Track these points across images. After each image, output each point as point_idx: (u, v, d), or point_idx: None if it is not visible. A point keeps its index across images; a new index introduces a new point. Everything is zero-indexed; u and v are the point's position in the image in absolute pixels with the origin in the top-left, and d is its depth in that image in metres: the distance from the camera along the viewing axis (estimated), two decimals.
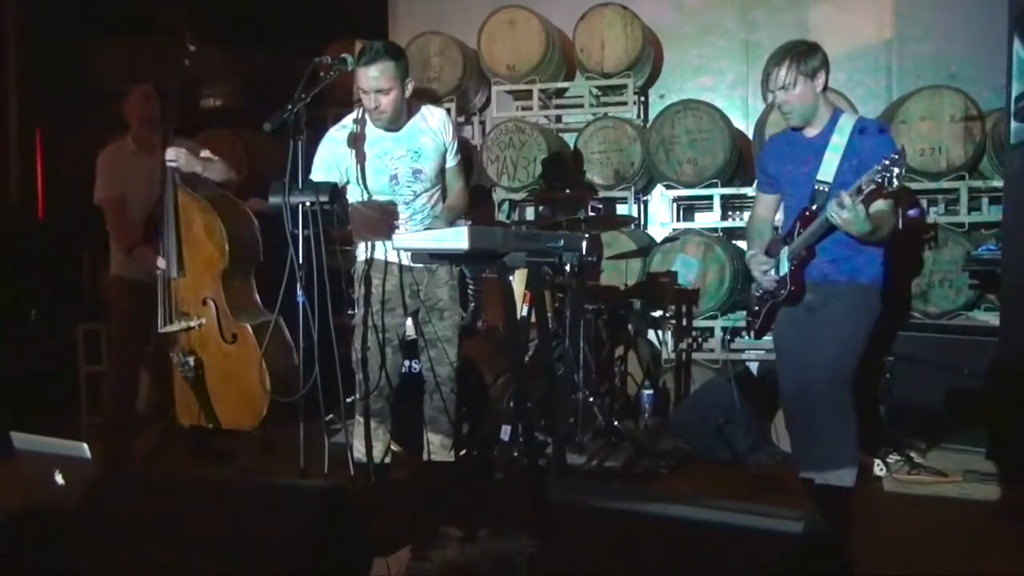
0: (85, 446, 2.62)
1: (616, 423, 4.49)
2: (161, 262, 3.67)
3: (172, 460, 4.04)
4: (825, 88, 3.12)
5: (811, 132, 3.16)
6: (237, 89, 8.19)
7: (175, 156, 3.63)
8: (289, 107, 2.84)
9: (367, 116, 3.30)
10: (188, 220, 3.66)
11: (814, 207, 3.09)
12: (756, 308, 3.35)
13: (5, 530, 2.67)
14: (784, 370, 3.29)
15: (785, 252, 3.20)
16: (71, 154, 7.03)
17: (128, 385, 4.04)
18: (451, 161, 3.52)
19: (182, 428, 3.80)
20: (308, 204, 2.84)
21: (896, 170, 2.73)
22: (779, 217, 3.46)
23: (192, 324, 3.63)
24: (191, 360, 3.61)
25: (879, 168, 2.76)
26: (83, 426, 5.09)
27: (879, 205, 2.96)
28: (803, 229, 3.11)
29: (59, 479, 2.69)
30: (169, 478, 2.45)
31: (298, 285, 2.86)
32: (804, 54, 3.06)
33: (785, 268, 3.19)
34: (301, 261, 2.85)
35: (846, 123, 3.10)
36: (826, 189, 3.07)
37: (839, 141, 3.07)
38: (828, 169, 3.07)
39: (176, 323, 3.65)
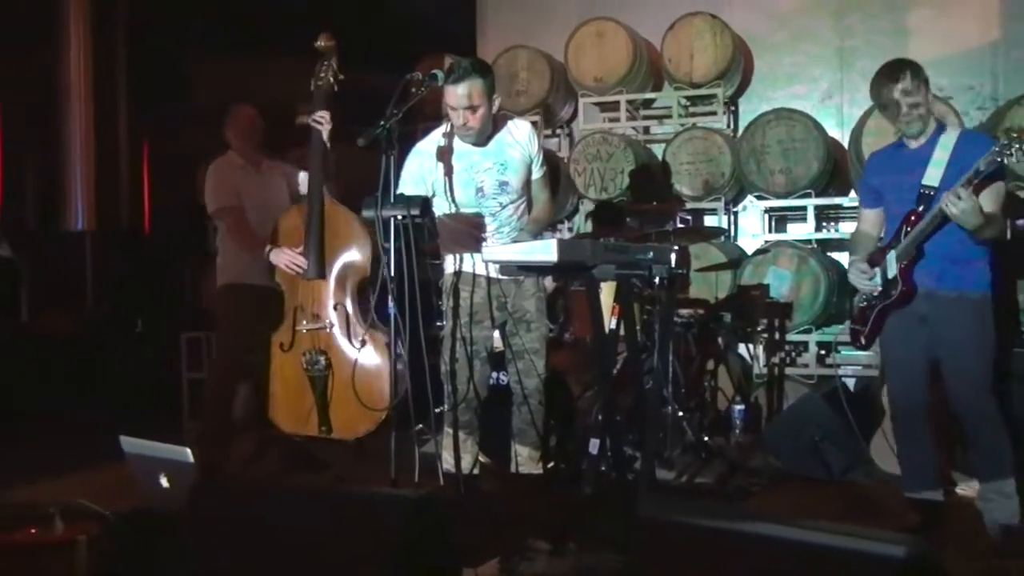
0: (188, 451, 2.72)
1: (706, 438, 4.41)
2: (299, 259, 3.76)
3: (268, 467, 4.15)
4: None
5: (915, 144, 3.19)
6: (333, 105, 8.41)
7: (322, 118, 3.73)
8: (382, 123, 2.91)
9: (455, 130, 3.35)
10: (335, 227, 3.77)
11: (920, 209, 3.10)
12: (863, 315, 3.32)
13: (114, 530, 2.80)
14: (893, 378, 3.27)
15: (892, 256, 3.18)
16: (175, 169, 7.35)
17: (230, 392, 4.19)
18: (537, 173, 3.53)
19: (278, 436, 3.91)
20: (400, 218, 2.90)
21: (1007, 153, 2.80)
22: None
23: (322, 325, 3.74)
24: (323, 359, 3.70)
25: (988, 158, 2.83)
26: (185, 430, 5.29)
27: (988, 206, 2.99)
28: (910, 230, 3.11)
29: (164, 482, 2.80)
30: (266, 484, 2.53)
31: (389, 297, 2.92)
32: (917, 65, 3.14)
33: (893, 271, 3.16)
34: (392, 273, 2.90)
35: (950, 135, 3.14)
36: (932, 193, 3.08)
37: (942, 154, 3.09)
38: (934, 176, 3.09)
39: (308, 323, 3.75)
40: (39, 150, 7.29)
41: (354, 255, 3.77)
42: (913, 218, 3.11)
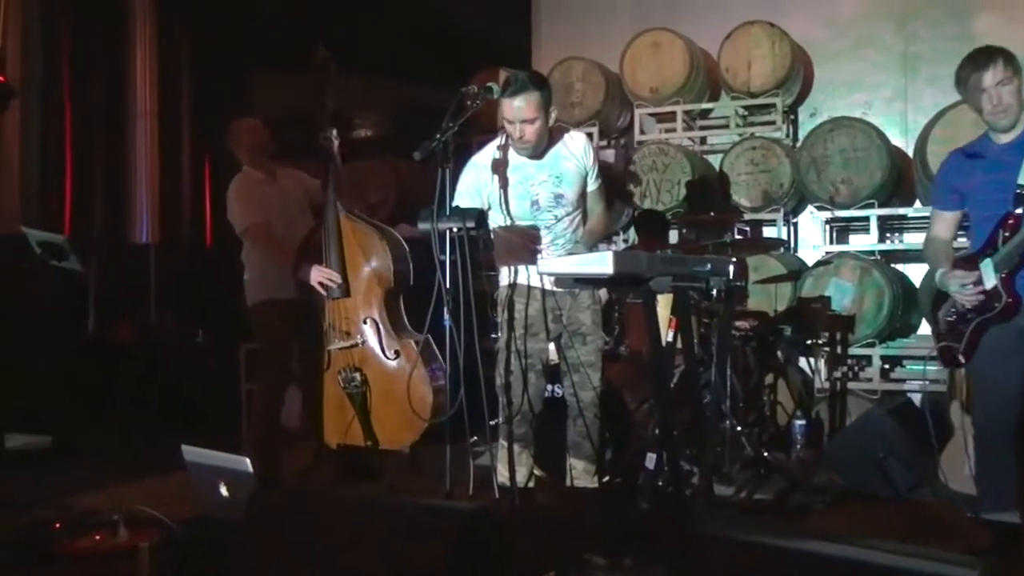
0: (247, 460, 2.77)
1: (766, 454, 4.32)
2: (335, 276, 3.80)
3: (324, 478, 4.20)
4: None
5: (1006, 139, 2.98)
6: (387, 119, 8.54)
7: (331, 136, 3.78)
8: (437, 136, 2.94)
9: (510, 143, 3.36)
10: (352, 243, 3.82)
11: (1018, 211, 2.88)
12: (955, 330, 3.07)
13: (175, 538, 2.86)
14: (985, 397, 3.06)
15: (988, 264, 2.95)
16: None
17: (275, 404, 4.24)
18: (592, 185, 3.52)
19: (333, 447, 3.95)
20: (455, 230, 2.92)
21: None
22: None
23: (354, 342, 3.78)
24: (358, 376, 3.74)
25: None
26: (244, 441, 5.38)
27: None
28: (1008, 235, 2.90)
29: (224, 491, 2.85)
30: (321, 495, 2.55)
31: (445, 309, 2.93)
32: (1009, 53, 2.94)
33: (992, 280, 2.93)
34: (448, 285, 2.92)
35: None
36: None
37: None
38: None
39: (339, 342, 3.80)
40: (106, 163, 7.52)
41: (375, 266, 3.79)
42: (1012, 221, 2.87)
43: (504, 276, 3.52)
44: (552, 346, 3.56)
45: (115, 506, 3.17)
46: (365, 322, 3.77)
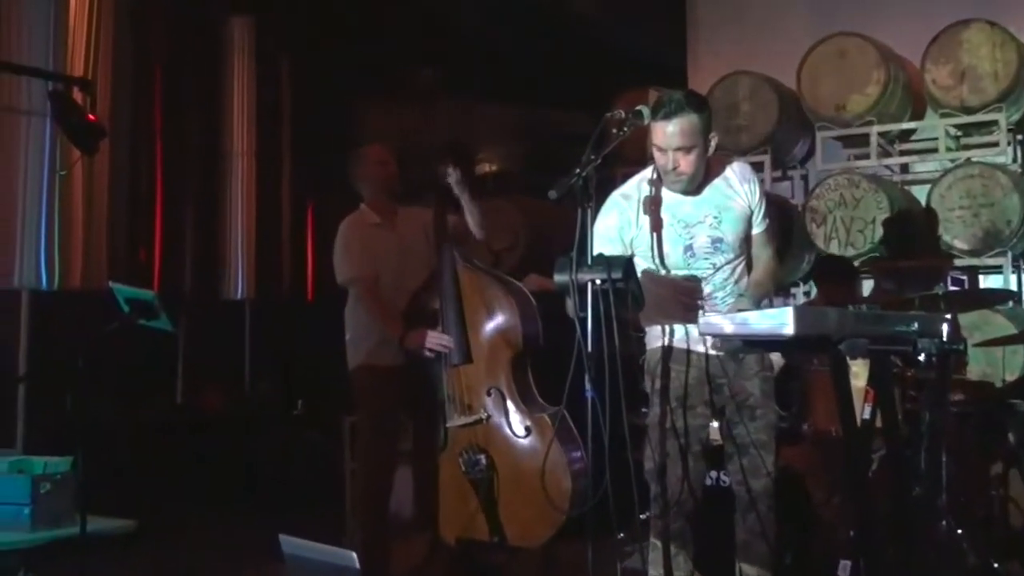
0: (355, 555, 2.83)
1: (995, 564, 4.12)
2: (448, 340, 3.87)
3: None
4: None
5: None
6: (515, 151, 8.71)
7: (451, 171, 3.88)
8: (577, 170, 2.97)
9: (661, 175, 3.36)
10: (473, 299, 3.89)
11: None
12: None
13: None
14: None
15: None
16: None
17: (381, 489, 4.28)
18: (758, 227, 3.49)
19: (452, 538, 3.99)
20: (599, 282, 2.93)
21: None
22: None
23: (477, 418, 3.83)
24: (482, 458, 3.78)
25: None
26: (348, 529, 5.51)
27: None
28: None
29: None
30: None
31: (586, 376, 2.94)
32: None
33: None
34: (590, 349, 2.92)
35: None
36: None
37: None
38: None
39: (459, 417, 3.85)
40: (198, 209, 7.97)
41: (501, 326, 3.82)
42: None
43: (655, 337, 3.50)
44: (715, 423, 3.51)
45: None
46: (489, 393, 3.82)
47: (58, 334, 5.55)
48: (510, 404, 3.78)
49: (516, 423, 3.76)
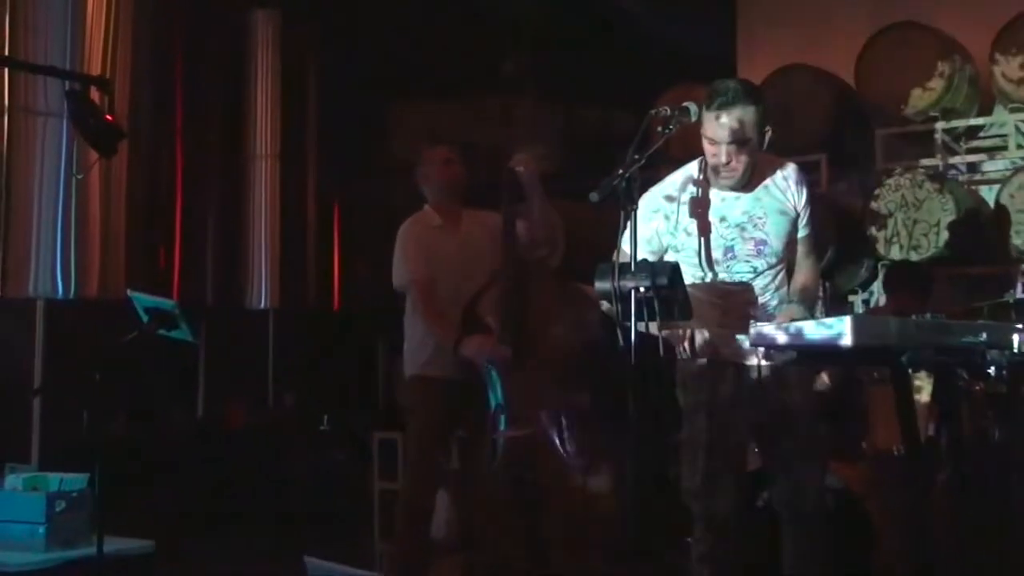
0: None
1: None
2: (502, 348, 3.87)
3: None
4: None
5: None
6: (552, 150, 8.68)
7: (523, 163, 3.87)
8: (620, 172, 2.96)
9: (710, 171, 3.33)
10: (533, 300, 3.89)
11: None
12: None
13: None
14: None
15: None
16: (370, 237, 7.80)
17: (424, 509, 4.28)
18: (803, 230, 3.45)
19: (488, 563, 3.99)
20: (643, 290, 2.91)
21: None
22: None
23: (526, 431, 3.83)
24: (529, 475, 3.77)
25: None
26: (376, 552, 5.52)
27: None
28: None
29: None
30: None
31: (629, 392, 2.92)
32: None
33: None
34: (635, 360, 2.90)
35: None
36: None
37: None
38: None
39: (512, 428, 3.85)
40: (220, 213, 8.01)
41: (562, 334, 3.82)
42: None
43: (691, 346, 3.46)
44: (755, 443, 3.48)
45: None
46: (544, 405, 3.82)
47: (74, 345, 5.61)
48: (565, 420, 3.78)
49: (571, 440, 3.75)
